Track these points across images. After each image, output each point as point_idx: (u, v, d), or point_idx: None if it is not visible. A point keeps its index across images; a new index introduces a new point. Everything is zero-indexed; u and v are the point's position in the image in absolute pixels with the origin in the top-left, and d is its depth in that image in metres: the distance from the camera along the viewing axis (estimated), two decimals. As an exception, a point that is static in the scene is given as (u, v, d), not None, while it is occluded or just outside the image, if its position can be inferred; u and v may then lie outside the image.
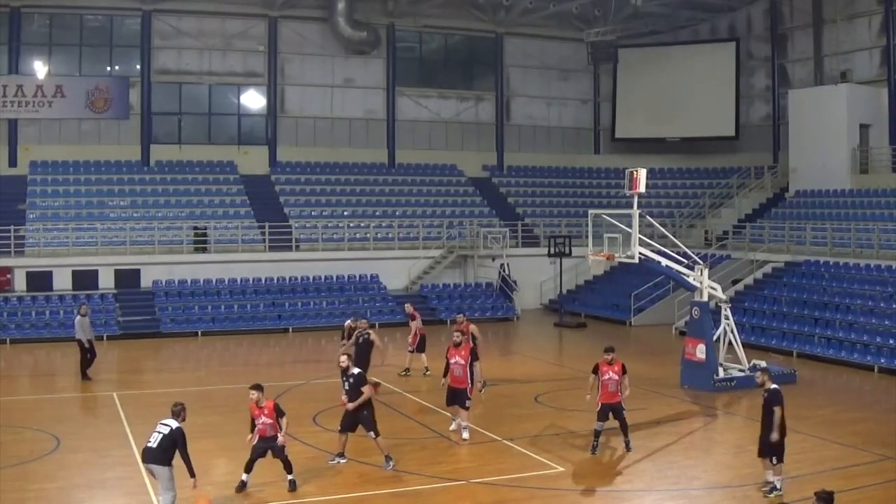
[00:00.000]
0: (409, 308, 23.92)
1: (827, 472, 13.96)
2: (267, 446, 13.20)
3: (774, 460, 12.93)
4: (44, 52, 36.07)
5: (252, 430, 13.22)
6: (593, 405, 15.39)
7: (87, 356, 22.22)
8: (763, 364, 21.98)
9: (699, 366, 20.97)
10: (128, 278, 31.62)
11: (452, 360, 16.14)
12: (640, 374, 20.53)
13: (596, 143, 44.52)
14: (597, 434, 15.39)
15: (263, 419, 13.09)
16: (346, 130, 40.26)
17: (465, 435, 16.18)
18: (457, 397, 16.19)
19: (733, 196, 38.30)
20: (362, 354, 19.10)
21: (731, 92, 40.13)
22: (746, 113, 40.85)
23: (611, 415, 15.29)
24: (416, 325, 22.75)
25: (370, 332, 20.01)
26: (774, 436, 12.78)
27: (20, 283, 30.77)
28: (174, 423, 11.89)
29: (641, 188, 20.63)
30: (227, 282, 32.44)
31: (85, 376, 22.05)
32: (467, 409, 16.18)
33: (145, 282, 31.92)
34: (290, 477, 13.37)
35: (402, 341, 24.72)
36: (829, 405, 18.60)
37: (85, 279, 31.08)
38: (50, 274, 30.99)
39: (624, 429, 15.50)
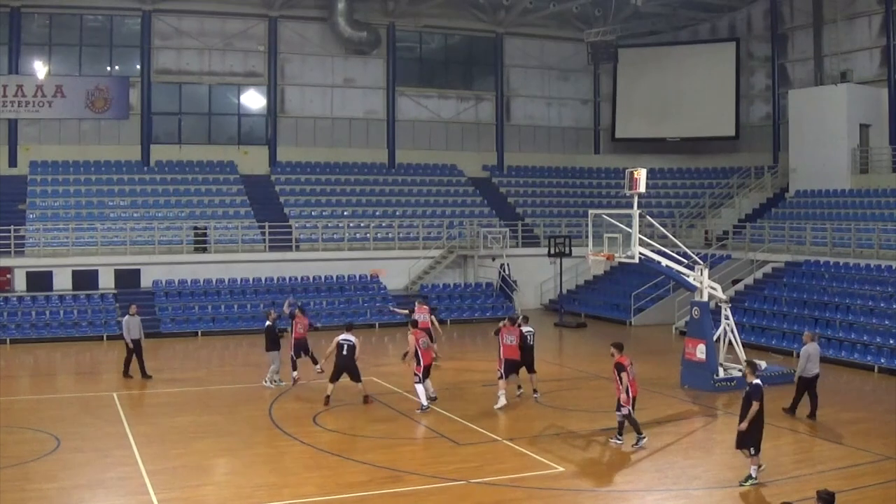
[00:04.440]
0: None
1: (827, 472, 13.97)
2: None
3: (752, 451, 13.55)
4: (44, 52, 36.05)
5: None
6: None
7: (132, 356, 22.06)
8: (764, 364, 22.08)
9: (699, 366, 20.98)
10: (128, 278, 31.60)
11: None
12: (641, 374, 20.32)
13: (596, 143, 44.52)
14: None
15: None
16: (346, 130, 40.25)
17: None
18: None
19: (733, 196, 38.28)
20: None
21: (731, 92, 40.12)
22: (746, 113, 40.84)
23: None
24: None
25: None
26: (743, 426, 13.47)
27: (20, 283, 30.76)
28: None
29: (641, 188, 20.63)
30: (227, 282, 32.43)
31: (145, 375, 21.98)
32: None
33: (145, 282, 31.91)
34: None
35: (398, 344, 24.65)
36: (829, 405, 18.57)
37: (85, 279, 31.06)
38: (50, 274, 30.98)
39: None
